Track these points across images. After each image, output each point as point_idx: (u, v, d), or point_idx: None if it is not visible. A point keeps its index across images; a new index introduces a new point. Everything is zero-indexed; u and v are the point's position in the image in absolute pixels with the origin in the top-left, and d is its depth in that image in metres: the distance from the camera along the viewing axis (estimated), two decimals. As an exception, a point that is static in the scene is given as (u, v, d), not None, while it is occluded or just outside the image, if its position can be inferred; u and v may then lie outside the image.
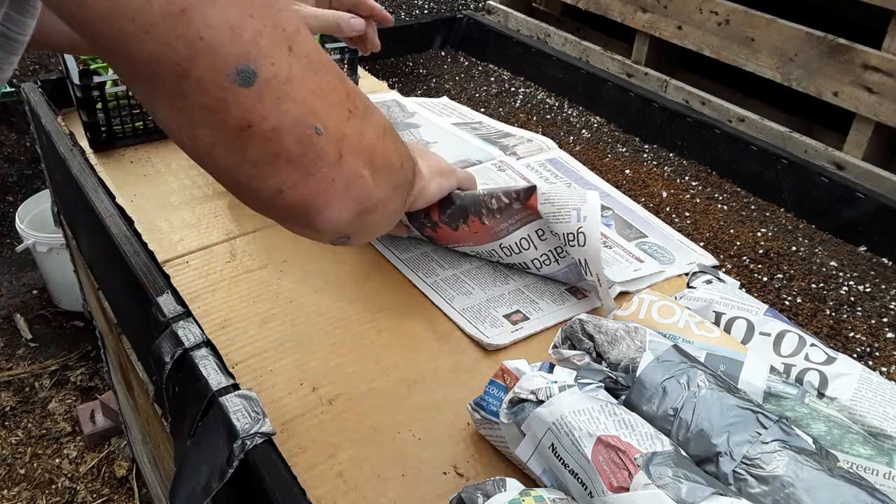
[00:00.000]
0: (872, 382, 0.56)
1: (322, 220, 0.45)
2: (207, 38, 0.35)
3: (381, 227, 0.57)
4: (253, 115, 0.38)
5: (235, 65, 0.36)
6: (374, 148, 0.47)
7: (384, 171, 0.48)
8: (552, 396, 0.50)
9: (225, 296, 0.71)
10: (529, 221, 0.69)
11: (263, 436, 0.54)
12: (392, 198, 0.52)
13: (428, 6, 1.63)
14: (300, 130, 0.40)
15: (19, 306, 2.16)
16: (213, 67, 0.36)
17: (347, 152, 0.43)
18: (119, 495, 1.67)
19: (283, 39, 0.38)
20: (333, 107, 0.42)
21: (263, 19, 0.37)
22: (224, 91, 0.37)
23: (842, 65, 1.01)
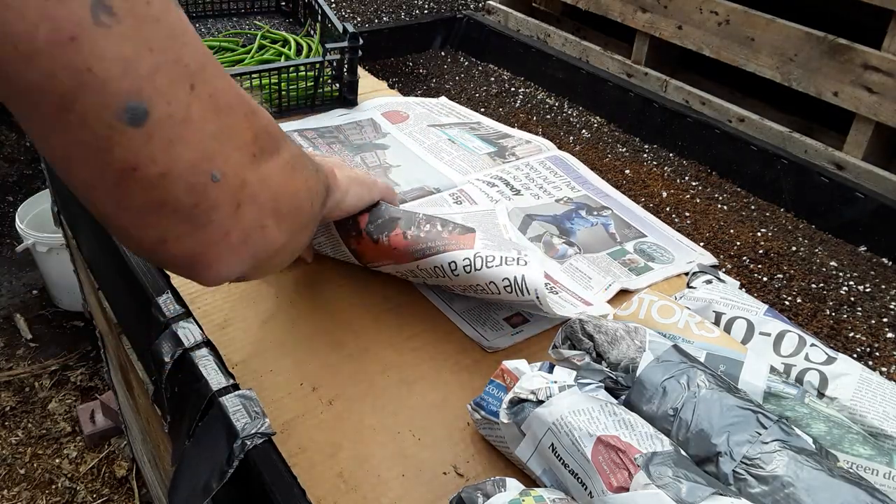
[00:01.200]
0: (872, 382, 0.56)
1: (210, 274, 0.42)
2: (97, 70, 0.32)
3: (283, 265, 0.53)
4: (139, 157, 0.34)
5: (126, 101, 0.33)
6: (281, 192, 0.43)
7: (291, 216, 0.45)
8: (552, 396, 0.50)
9: (225, 296, 0.71)
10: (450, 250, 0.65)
11: (263, 436, 0.54)
12: (297, 238, 0.49)
13: (428, 6, 1.63)
14: (193, 178, 0.36)
15: (19, 306, 2.16)
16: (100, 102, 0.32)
17: (247, 201, 0.40)
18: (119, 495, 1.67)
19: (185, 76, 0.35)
20: (235, 150, 0.38)
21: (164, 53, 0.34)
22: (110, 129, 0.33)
23: (842, 65, 1.01)
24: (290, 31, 1.19)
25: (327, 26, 1.08)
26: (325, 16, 1.09)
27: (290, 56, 1.08)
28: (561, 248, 0.80)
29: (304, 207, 0.48)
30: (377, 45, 1.39)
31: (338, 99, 1.07)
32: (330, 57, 1.01)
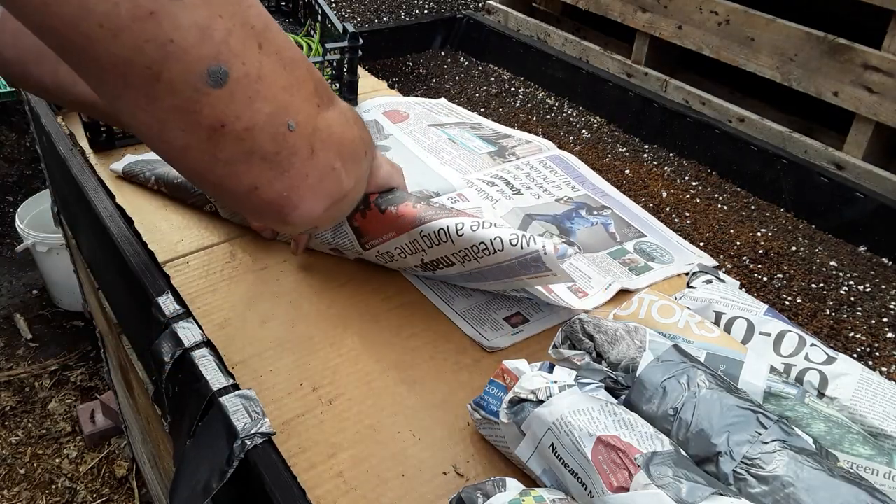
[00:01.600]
0: (872, 382, 0.56)
1: (297, 215, 0.45)
2: (177, 39, 0.34)
3: (347, 212, 0.57)
4: (226, 115, 0.38)
5: (207, 66, 0.36)
6: (343, 139, 0.47)
7: (352, 161, 0.48)
8: (552, 396, 0.50)
9: (225, 296, 0.71)
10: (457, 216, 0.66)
11: (263, 436, 0.54)
12: (357, 187, 0.52)
13: (428, 6, 1.63)
14: (273, 128, 0.40)
15: (19, 306, 2.16)
16: (184, 69, 0.35)
17: (319, 146, 0.43)
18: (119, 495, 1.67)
19: (253, 37, 0.38)
20: (304, 101, 0.42)
21: (233, 18, 0.37)
22: (196, 92, 0.36)
23: (842, 65, 1.01)
24: (290, 31, 1.19)
25: (327, 26, 1.08)
26: (325, 16, 1.09)
27: (290, 56, 1.08)
28: (561, 249, 0.80)
29: (360, 155, 0.51)
30: (377, 45, 1.39)
31: (338, 99, 1.06)
32: (330, 57, 1.01)
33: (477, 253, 0.65)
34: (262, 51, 0.38)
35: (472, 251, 0.65)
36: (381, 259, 0.72)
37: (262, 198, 0.43)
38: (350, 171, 0.48)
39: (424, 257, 0.69)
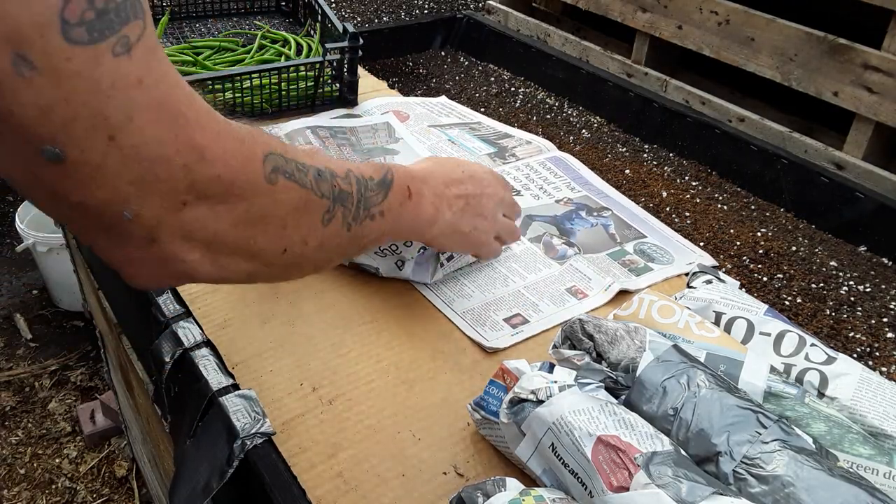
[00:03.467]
0: (872, 382, 0.56)
1: (135, 283, 0.45)
2: (17, 114, 0.34)
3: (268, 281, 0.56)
4: (58, 187, 0.37)
5: (42, 144, 0.35)
6: (223, 236, 0.44)
7: (236, 256, 0.46)
8: (552, 396, 0.50)
9: (225, 296, 0.71)
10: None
11: (263, 436, 0.54)
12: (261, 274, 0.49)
13: (428, 6, 1.63)
14: (107, 212, 0.39)
15: (19, 306, 2.16)
16: (22, 140, 0.35)
17: (166, 238, 0.41)
18: (119, 495, 1.67)
19: (104, 128, 0.36)
20: (156, 197, 0.40)
21: (81, 107, 0.35)
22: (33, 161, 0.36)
23: (842, 65, 1.01)
24: (290, 31, 1.19)
25: (327, 26, 1.08)
26: (325, 16, 1.09)
27: (290, 56, 1.08)
28: (561, 249, 0.80)
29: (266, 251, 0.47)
30: (377, 45, 1.39)
31: (338, 99, 1.07)
32: (330, 57, 1.01)
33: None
34: (113, 142, 0.37)
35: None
36: (382, 254, 0.72)
37: (101, 254, 0.43)
38: (227, 263, 0.46)
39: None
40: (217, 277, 0.46)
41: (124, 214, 0.39)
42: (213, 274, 0.45)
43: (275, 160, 0.46)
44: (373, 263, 0.72)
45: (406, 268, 0.72)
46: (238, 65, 1.06)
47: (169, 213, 0.41)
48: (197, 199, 0.42)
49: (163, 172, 0.39)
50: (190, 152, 0.40)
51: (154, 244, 0.41)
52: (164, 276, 0.44)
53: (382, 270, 0.73)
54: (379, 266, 0.73)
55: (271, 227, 0.47)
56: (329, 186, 0.51)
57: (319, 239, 0.51)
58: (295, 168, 0.47)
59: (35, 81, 0.34)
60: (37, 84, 0.34)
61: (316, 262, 0.54)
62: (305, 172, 0.48)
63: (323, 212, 0.50)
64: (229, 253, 0.45)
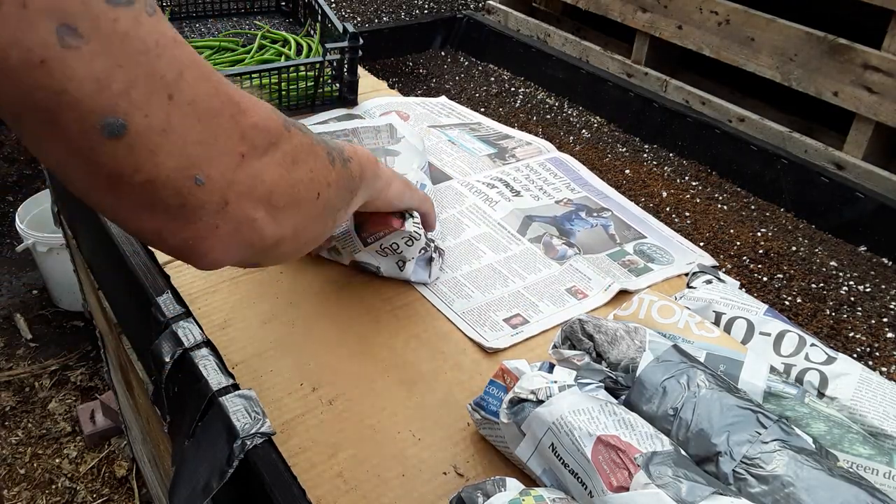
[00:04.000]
0: (872, 382, 0.56)
1: (207, 262, 0.43)
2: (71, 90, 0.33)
3: (300, 252, 0.55)
4: (123, 166, 0.36)
5: (103, 118, 0.34)
6: (277, 186, 0.44)
7: (290, 209, 0.46)
8: (552, 396, 0.50)
9: (225, 296, 0.71)
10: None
11: (263, 436, 0.54)
12: (307, 228, 0.50)
13: (428, 6, 1.63)
14: (178, 182, 0.38)
15: (19, 306, 2.16)
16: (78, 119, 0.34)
17: (235, 198, 0.41)
18: (119, 495, 1.67)
19: (162, 88, 0.35)
20: (221, 154, 0.39)
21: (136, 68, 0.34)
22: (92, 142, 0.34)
23: (842, 65, 1.01)
24: (290, 31, 1.19)
25: (327, 26, 1.08)
26: (325, 16, 1.09)
27: (290, 56, 1.08)
28: (561, 249, 0.80)
29: (306, 198, 0.48)
30: (377, 45, 1.39)
31: (338, 99, 1.07)
32: (330, 57, 1.01)
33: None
34: (172, 102, 0.36)
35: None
36: (383, 253, 0.72)
37: (168, 243, 0.41)
38: (284, 218, 0.46)
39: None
40: (277, 236, 0.46)
41: (196, 179, 0.38)
42: (276, 232, 0.45)
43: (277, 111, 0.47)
44: (374, 262, 0.73)
45: (407, 268, 0.72)
46: (238, 65, 1.06)
47: (234, 169, 0.40)
48: (250, 149, 0.42)
49: (218, 126, 0.39)
50: (230, 104, 0.40)
51: (226, 207, 0.41)
52: (236, 244, 0.43)
53: (384, 269, 0.73)
54: (380, 265, 0.73)
55: (303, 171, 0.47)
56: (313, 134, 0.52)
57: (335, 178, 0.52)
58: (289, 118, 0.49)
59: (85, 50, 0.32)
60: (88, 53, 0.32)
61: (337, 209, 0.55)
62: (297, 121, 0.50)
63: (325, 153, 0.51)
64: (284, 206, 0.45)
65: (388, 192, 0.65)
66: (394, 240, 0.70)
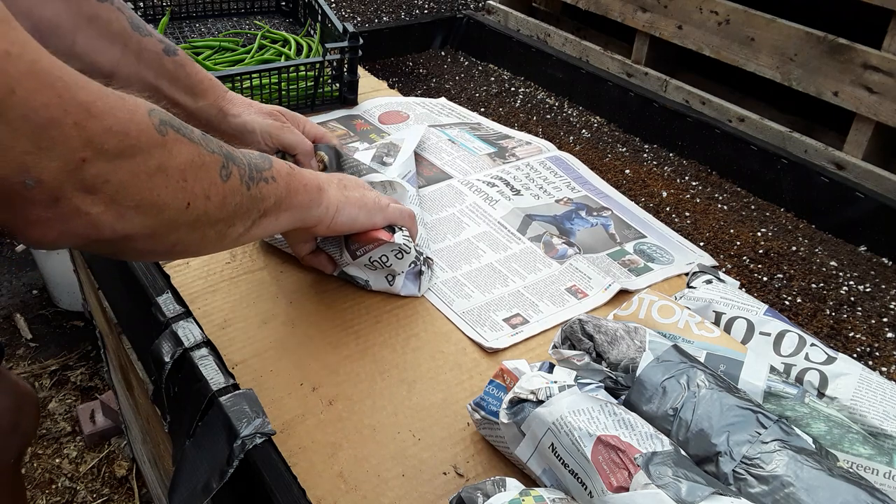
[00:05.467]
0: (872, 382, 0.56)
1: (34, 244, 0.45)
2: None
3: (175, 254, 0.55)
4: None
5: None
6: (126, 188, 0.45)
7: (143, 210, 0.46)
8: (552, 396, 0.50)
9: (225, 296, 0.71)
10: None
11: (263, 436, 0.54)
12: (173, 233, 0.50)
13: (428, 6, 1.63)
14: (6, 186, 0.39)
15: (19, 306, 2.16)
16: None
17: (69, 195, 0.42)
18: (119, 495, 1.67)
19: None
20: (56, 160, 0.41)
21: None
22: None
23: (842, 64, 1.01)
24: (290, 31, 1.19)
25: (327, 26, 1.08)
26: (325, 16, 1.09)
27: (290, 56, 1.08)
28: (561, 249, 0.80)
29: (170, 205, 0.48)
30: (377, 45, 1.39)
31: (338, 99, 1.07)
32: (330, 57, 1.01)
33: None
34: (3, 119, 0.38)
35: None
36: (372, 266, 0.71)
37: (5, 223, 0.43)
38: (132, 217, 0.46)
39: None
40: (120, 232, 0.46)
41: (26, 183, 0.40)
42: (116, 228, 0.45)
43: (160, 114, 0.47)
44: (362, 275, 0.72)
45: (397, 282, 0.72)
46: (238, 65, 1.06)
47: (70, 172, 0.41)
48: (95, 153, 0.42)
49: (56, 135, 0.40)
50: (77, 110, 0.41)
51: (57, 203, 0.42)
52: (69, 233, 0.44)
53: (372, 283, 0.72)
54: (369, 279, 0.72)
55: (171, 179, 0.47)
56: (216, 144, 0.51)
57: (221, 194, 0.51)
58: (180, 124, 0.48)
59: None
60: None
61: (222, 225, 0.53)
62: (191, 130, 0.49)
63: (219, 167, 0.51)
64: (134, 206, 0.46)
65: (334, 220, 0.64)
66: (383, 252, 0.69)
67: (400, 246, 0.68)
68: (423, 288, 0.73)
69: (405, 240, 0.69)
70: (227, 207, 0.53)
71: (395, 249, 0.69)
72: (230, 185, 0.52)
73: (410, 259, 0.70)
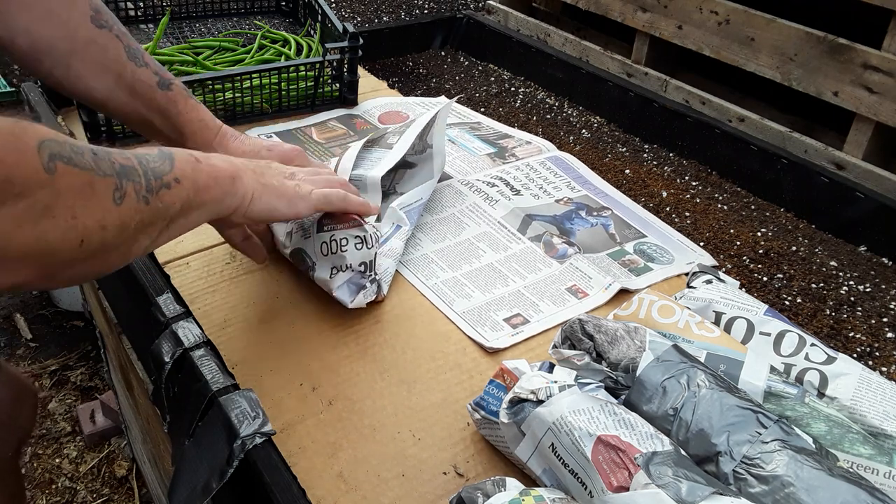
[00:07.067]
0: (872, 382, 0.56)
1: None
2: None
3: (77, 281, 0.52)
4: None
5: None
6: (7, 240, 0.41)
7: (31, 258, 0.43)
8: (552, 396, 0.50)
9: (225, 296, 0.71)
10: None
11: (263, 436, 0.54)
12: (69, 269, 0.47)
13: (428, 6, 1.63)
14: None
15: (19, 306, 2.16)
16: None
17: None
18: (119, 495, 1.67)
19: None
20: None
21: None
22: None
23: (842, 64, 1.01)
24: (290, 31, 1.19)
25: (327, 26, 1.08)
26: (325, 16, 1.09)
27: (290, 56, 1.08)
28: (561, 248, 0.80)
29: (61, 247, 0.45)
30: (377, 45, 1.39)
31: (338, 99, 1.07)
32: (330, 57, 1.01)
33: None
34: None
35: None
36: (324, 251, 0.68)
37: None
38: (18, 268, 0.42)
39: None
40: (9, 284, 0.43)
41: None
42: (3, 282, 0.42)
43: (50, 146, 0.43)
44: (312, 256, 0.69)
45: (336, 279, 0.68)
46: (238, 65, 1.06)
47: None
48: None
49: None
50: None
51: None
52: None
53: (317, 270, 0.68)
54: (316, 262, 0.68)
55: (60, 219, 0.43)
56: (108, 163, 0.48)
57: (118, 220, 0.48)
58: (71, 151, 0.44)
59: None
60: None
61: (124, 246, 0.51)
62: (82, 154, 0.46)
63: (112, 190, 0.47)
64: (19, 257, 0.42)
65: (249, 208, 0.61)
66: (345, 235, 0.66)
67: (365, 235, 0.66)
68: (357, 302, 0.68)
69: (373, 231, 0.67)
70: (127, 230, 0.50)
71: (359, 238, 0.66)
72: (126, 207, 0.49)
73: (366, 257, 0.67)
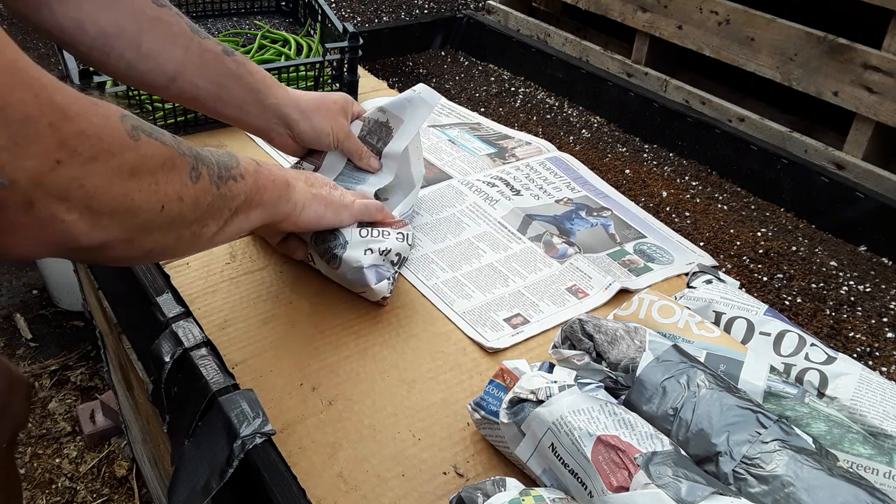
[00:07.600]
0: (872, 382, 0.56)
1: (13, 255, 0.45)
2: None
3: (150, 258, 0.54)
4: None
5: None
6: (100, 193, 0.45)
7: (117, 215, 0.46)
8: (552, 396, 0.50)
9: (225, 296, 0.71)
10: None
11: (263, 436, 0.54)
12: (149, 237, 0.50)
13: (428, 6, 1.63)
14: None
15: (19, 306, 2.16)
16: None
17: (43, 200, 0.42)
18: (119, 495, 1.67)
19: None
20: (30, 159, 0.41)
21: None
22: None
23: (842, 64, 1.01)
24: (290, 31, 1.19)
25: (327, 26, 1.08)
26: (325, 16, 1.09)
27: (290, 56, 1.08)
28: (561, 248, 0.80)
29: (144, 208, 0.48)
30: (377, 45, 1.39)
31: (338, 99, 1.06)
32: (330, 57, 1.01)
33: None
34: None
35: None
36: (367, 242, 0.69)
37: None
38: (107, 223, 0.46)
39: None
40: (97, 241, 0.46)
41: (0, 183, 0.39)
42: (92, 236, 0.45)
43: (132, 119, 0.47)
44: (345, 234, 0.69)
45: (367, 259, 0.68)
46: (238, 65, 1.06)
47: (44, 173, 0.41)
48: (69, 156, 0.42)
49: (32, 133, 0.40)
50: (53, 111, 0.41)
51: (32, 208, 0.42)
52: (44, 242, 0.44)
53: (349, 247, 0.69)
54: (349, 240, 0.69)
55: (144, 182, 0.47)
56: (186, 146, 0.52)
57: (193, 195, 0.52)
58: (151, 128, 0.48)
59: None
60: None
61: (196, 225, 0.54)
62: (162, 132, 0.49)
63: (189, 168, 0.51)
64: (109, 212, 0.46)
65: (300, 216, 0.65)
66: (388, 228, 0.71)
67: (407, 233, 0.72)
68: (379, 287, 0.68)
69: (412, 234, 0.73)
70: (200, 208, 0.53)
71: (401, 235, 0.71)
72: (201, 186, 0.52)
73: (402, 251, 0.71)
